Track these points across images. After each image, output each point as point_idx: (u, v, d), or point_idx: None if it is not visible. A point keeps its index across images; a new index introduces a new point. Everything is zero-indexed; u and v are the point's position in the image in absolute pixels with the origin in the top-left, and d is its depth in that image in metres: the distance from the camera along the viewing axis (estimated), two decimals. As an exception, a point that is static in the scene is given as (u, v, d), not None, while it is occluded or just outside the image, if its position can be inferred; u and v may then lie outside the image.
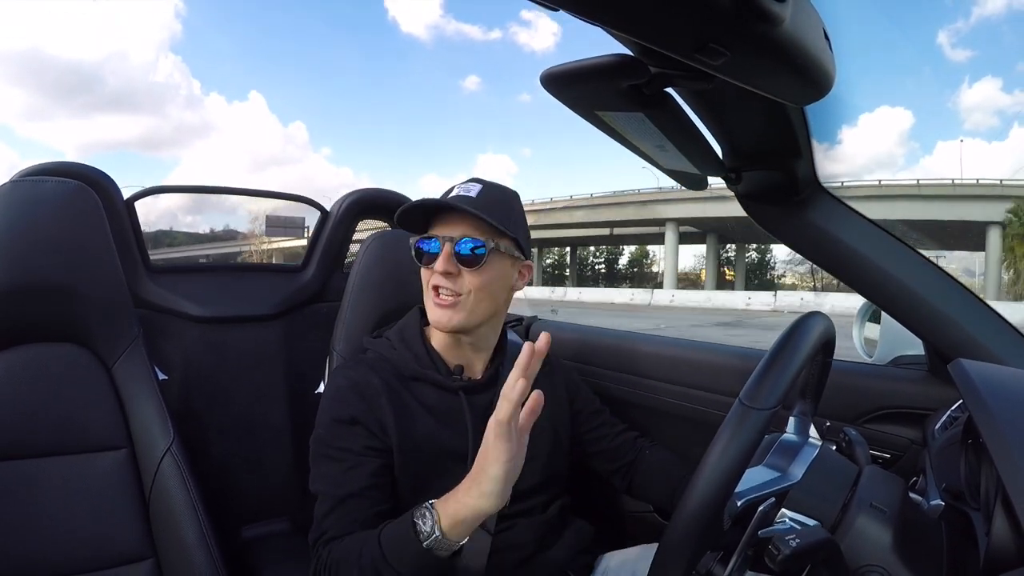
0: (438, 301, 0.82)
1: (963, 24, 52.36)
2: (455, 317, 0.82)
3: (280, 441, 1.39)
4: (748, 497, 0.55)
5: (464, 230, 0.81)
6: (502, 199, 0.85)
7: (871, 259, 0.79)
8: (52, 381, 0.88)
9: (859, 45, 0.57)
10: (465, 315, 0.82)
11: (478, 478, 0.64)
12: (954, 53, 53.73)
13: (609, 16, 0.35)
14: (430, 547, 0.65)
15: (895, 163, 50.81)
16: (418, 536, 0.66)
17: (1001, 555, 0.45)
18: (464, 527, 0.66)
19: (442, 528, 0.65)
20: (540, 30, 62.59)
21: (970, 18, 50.98)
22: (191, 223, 23.94)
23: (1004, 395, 0.53)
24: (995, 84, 52.10)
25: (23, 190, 0.89)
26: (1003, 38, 50.57)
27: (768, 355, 0.54)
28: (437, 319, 0.82)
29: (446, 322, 0.82)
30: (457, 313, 0.82)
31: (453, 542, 0.66)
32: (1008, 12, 46.99)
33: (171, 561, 0.88)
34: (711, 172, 0.72)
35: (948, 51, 53.45)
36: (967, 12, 50.13)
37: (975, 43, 52.93)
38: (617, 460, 0.99)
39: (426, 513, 0.67)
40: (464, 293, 0.81)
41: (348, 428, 0.81)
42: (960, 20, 51.83)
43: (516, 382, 0.61)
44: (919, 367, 0.96)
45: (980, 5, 50.00)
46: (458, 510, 0.65)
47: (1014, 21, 46.05)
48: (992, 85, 52.00)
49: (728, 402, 0.53)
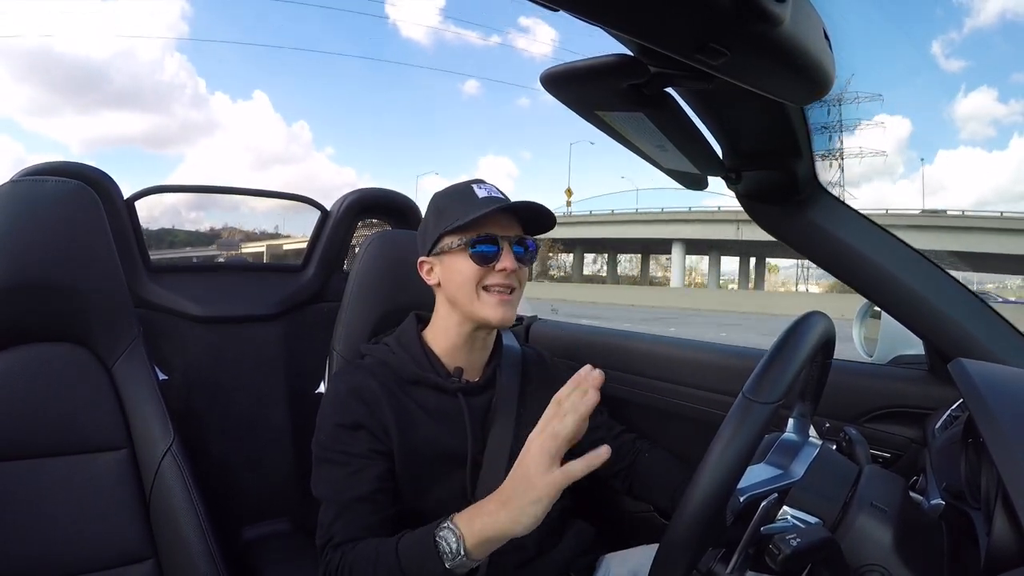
0: (503, 299, 0.84)
1: (956, 35, 52.49)
2: (512, 313, 0.85)
3: (280, 441, 1.39)
4: (751, 493, 0.55)
5: (517, 230, 0.85)
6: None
7: (871, 259, 0.79)
8: (52, 381, 0.88)
9: (860, 47, 0.57)
10: (515, 310, 0.86)
11: (513, 498, 0.62)
12: (948, 63, 53.87)
13: (609, 16, 0.35)
14: (452, 568, 0.64)
15: (894, 171, 50.91)
16: (440, 555, 0.64)
17: (1002, 555, 0.45)
18: (489, 546, 0.65)
19: (467, 548, 0.64)
20: (538, 36, 62.86)
21: (963, 29, 51.11)
22: (195, 219, 23.84)
23: (1004, 395, 0.53)
24: (991, 94, 52.19)
25: (23, 190, 0.89)
26: (996, 48, 50.71)
27: (771, 350, 0.54)
28: (504, 317, 0.84)
29: (509, 318, 0.85)
30: (512, 309, 0.85)
31: (476, 561, 0.65)
32: (1001, 23, 47.11)
33: (171, 561, 0.88)
34: (711, 172, 0.72)
35: (942, 61, 53.61)
36: (959, 23, 50.23)
37: (969, 54, 53.07)
38: (616, 463, 0.98)
39: (449, 531, 0.65)
40: (516, 288, 0.85)
41: (351, 433, 0.81)
42: (953, 31, 51.96)
43: (586, 396, 0.59)
44: (919, 367, 0.96)
45: (972, 16, 50.12)
46: (484, 529, 0.64)
47: (1006, 32, 46.17)
48: (988, 95, 52.10)
49: (728, 401, 0.53)
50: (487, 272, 0.83)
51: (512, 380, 0.92)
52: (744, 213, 0.82)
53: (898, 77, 54.55)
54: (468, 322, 0.87)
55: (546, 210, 0.85)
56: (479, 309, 0.84)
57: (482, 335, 0.89)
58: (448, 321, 0.88)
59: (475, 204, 0.83)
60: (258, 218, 14.53)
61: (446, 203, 0.87)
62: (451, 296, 0.86)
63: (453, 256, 0.84)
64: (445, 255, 0.85)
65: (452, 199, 0.86)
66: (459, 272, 0.84)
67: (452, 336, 0.88)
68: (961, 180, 58.94)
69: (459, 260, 0.84)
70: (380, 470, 0.80)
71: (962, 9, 50.55)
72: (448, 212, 0.85)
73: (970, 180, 58.73)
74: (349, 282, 1.10)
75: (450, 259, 0.85)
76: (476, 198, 0.84)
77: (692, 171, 0.69)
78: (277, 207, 4.15)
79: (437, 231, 0.85)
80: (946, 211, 24.25)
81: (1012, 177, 53.25)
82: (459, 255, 0.84)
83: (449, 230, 0.83)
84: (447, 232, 0.84)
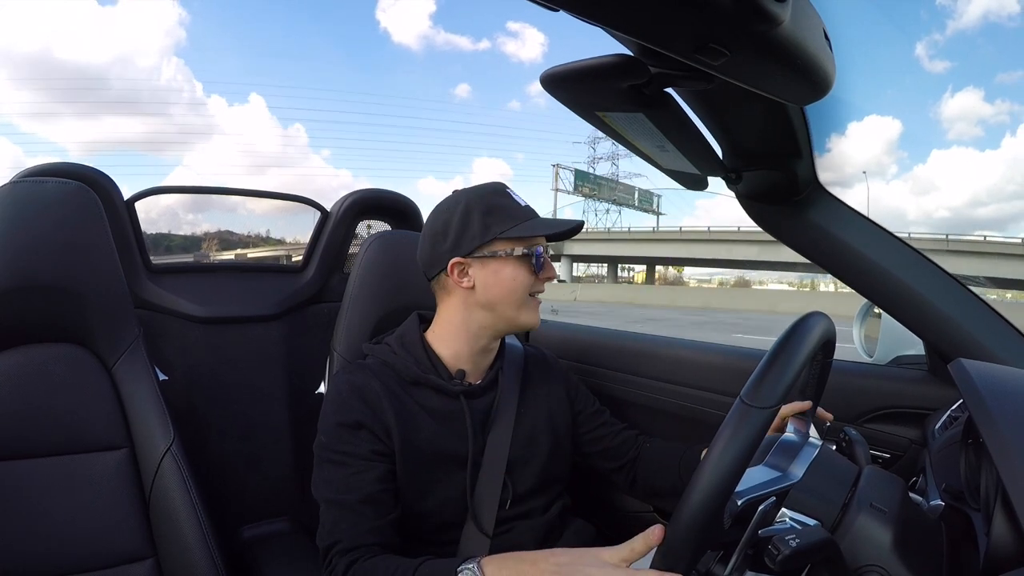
0: (537, 304, 0.88)
1: (940, 36, 52.57)
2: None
3: (280, 441, 1.39)
4: (748, 496, 0.55)
5: (543, 241, 0.87)
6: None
7: (871, 259, 0.79)
8: (52, 381, 0.88)
9: (859, 46, 0.57)
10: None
11: (554, 566, 0.62)
12: (932, 65, 54.04)
13: (609, 16, 0.35)
14: None
15: (885, 172, 51.04)
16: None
17: (1001, 555, 0.45)
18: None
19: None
20: (527, 41, 63.02)
21: (946, 31, 51.20)
22: (193, 221, 23.65)
23: (1004, 395, 0.53)
24: (977, 95, 52.25)
25: (23, 190, 0.89)
26: (980, 50, 50.88)
27: (769, 354, 0.53)
28: (538, 320, 0.89)
29: (539, 322, 0.89)
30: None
31: None
32: (984, 24, 47.21)
33: (171, 561, 0.88)
34: (711, 172, 0.72)
35: (926, 63, 53.79)
36: (942, 25, 50.36)
37: (952, 55, 53.22)
38: (620, 458, 0.99)
39: (470, 572, 0.66)
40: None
41: (353, 432, 0.80)
42: (936, 32, 52.08)
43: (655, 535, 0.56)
44: (919, 367, 0.96)
45: (955, 19, 50.23)
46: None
47: (989, 34, 46.35)
48: (974, 96, 52.14)
49: (728, 402, 0.53)
50: (536, 280, 0.86)
51: (513, 381, 0.92)
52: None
53: (887, 77, 54.83)
54: (499, 328, 0.87)
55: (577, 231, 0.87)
56: (522, 315, 0.86)
57: (496, 340, 0.90)
58: (463, 325, 0.86)
59: (519, 211, 0.84)
60: (256, 220, 14.49)
61: (492, 206, 0.84)
62: (489, 301, 0.84)
63: (504, 262, 0.83)
64: (492, 260, 0.83)
65: (499, 203, 0.84)
66: (511, 279, 0.83)
67: (463, 340, 0.87)
68: (953, 179, 59.07)
69: (512, 267, 0.83)
70: (382, 471, 0.79)
71: (944, 11, 50.75)
72: (500, 214, 0.83)
73: (963, 180, 58.82)
74: (349, 283, 1.10)
75: (499, 265, 0.83)
76: (520, 206, 0.85)
77: (692, 171, 0.69)
78: (274, 210, 4.09)
79: (490, 235, 0.82)
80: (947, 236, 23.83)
81: (1004, 176, 53.31)
82: (514, 262, 0.83)
83: (504, 236, 0.82)
84: (500, 238, 0.82)
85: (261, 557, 1.22)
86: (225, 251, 6.72)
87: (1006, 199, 52.05)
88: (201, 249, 5.51)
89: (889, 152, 51.22)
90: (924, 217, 79.84)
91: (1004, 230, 69.00)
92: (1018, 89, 51.26)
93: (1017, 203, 65.03)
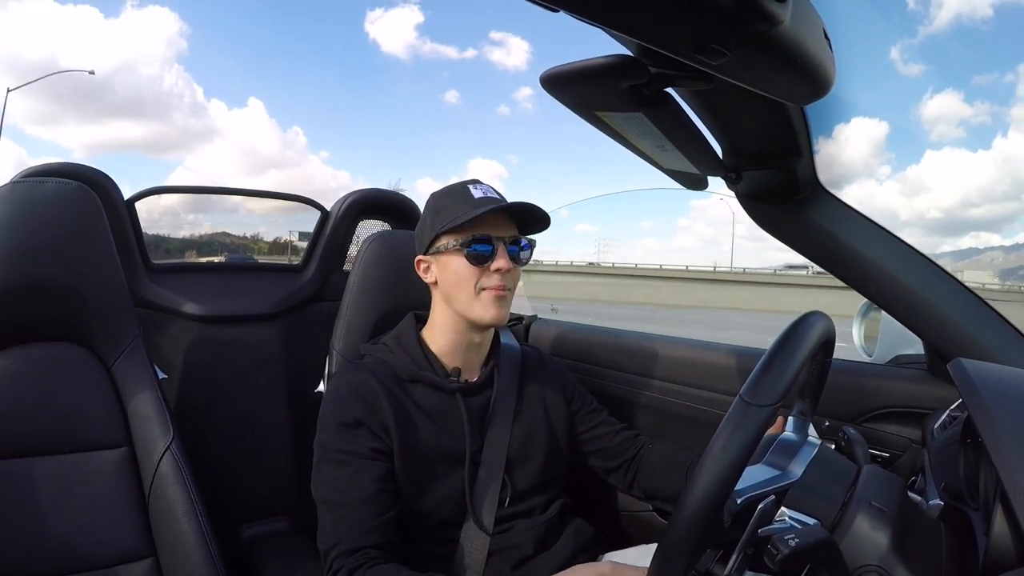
0: (498, 298, 0.84)
1: (912, 40, 52.79)
2: (506, 312, 0.86)
3: (280, 440, 1.39)
4: (748, 495, 0.55)
5: (512, 230, 0.86)
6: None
7: (871, 258, 0.79)
8: (52, 380, 0.88)
9: (859, 46, 0.57)
10: (508, 310, 0.87)
11: None
12: (907, 68, 54.35)
13: (609, 16, 0.35)
14: None
15: (873, 173, 51.26)
16: None
17: (1000, 555, 0.45)
18: None
19: None
20: (512, 49, 63.44)
21: (917, 36, 51.45)
22: (193, 221, 23.62)
23: (1003, 395, 0.53)
24: (957, 96, 52.48)
25: (23, 190, 0.89)
26: (953, 53, 51.21)
27: (769, 352, 0.53)
28: (497, 316, 0.85)
29: (503, 317, 0.86)
30: (506, 309, 0.86)
31: None
32: (957, 28, 47.43)
33: (170, 560, 0.88)
34: (711, 172, 0.72)
35: (900, 67, 54.09)
36: (913, 31, 50.59)
37: (927, 58, 53.48)
38: (618, 457, 0.99)
39: None
40: (510, 288, 0.85)
41: (352, 431, 0.81)
42: (908, 37, 52.31)
43: None
44: (919, 366, 0.96)
45: (926, 24, 50.48)
46: None
47: (961, 37, 46.61)
48: (954, 97, 52.36)
49: (728, 401, 0.53)
50: (482, 272, 0.84)
51: (510, 379, 0.92)
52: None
53: (873, 79, 55.24)
54: (463, 321, 0.87)
55: (540, 211, 0.86)
56: (474, 309, 0.85)
57: (478, 334, 0.90)
58: (444, 320, 0.89)
59: (471, 204, 0.83)
60: (256, 221, 14.41)
61: (443, 202, 0.87)
62: (447, 295, 0.87)
63: (449, 256, 0.85)
64: (441, 255, 0.86)
65: (449, 199, 0.87)
66: (455, 272, 0.84)
67: (449, 335, 0.89)
68: (944, 181, 59.24)
69: (455, 260, 0.84)
70: (381, 471, 0.80)
71: (916, 17, 51.07)
72: (444, 211, 0.85)
73: (955, 180, 58.97)
74: (349, 282, 1.10)
75: (446, 259, 0.85)
76: (472, 198, 0.84)
77: (692, 171, 0.69)
78: (273, 210, 4.07)
79: (434, 230, 0.85)
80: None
81: (994, 177, 53.49)
82: (455, 255, 0.84)
83: (445, 230, 0.84)
84: (443, 232, 0.84)
85: (260, 556, 1.22)
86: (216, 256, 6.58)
87: (996, 200, 52.24)
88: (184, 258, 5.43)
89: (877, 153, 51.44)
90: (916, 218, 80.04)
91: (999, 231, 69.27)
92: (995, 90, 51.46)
93: (1008, 204, 65.33)
